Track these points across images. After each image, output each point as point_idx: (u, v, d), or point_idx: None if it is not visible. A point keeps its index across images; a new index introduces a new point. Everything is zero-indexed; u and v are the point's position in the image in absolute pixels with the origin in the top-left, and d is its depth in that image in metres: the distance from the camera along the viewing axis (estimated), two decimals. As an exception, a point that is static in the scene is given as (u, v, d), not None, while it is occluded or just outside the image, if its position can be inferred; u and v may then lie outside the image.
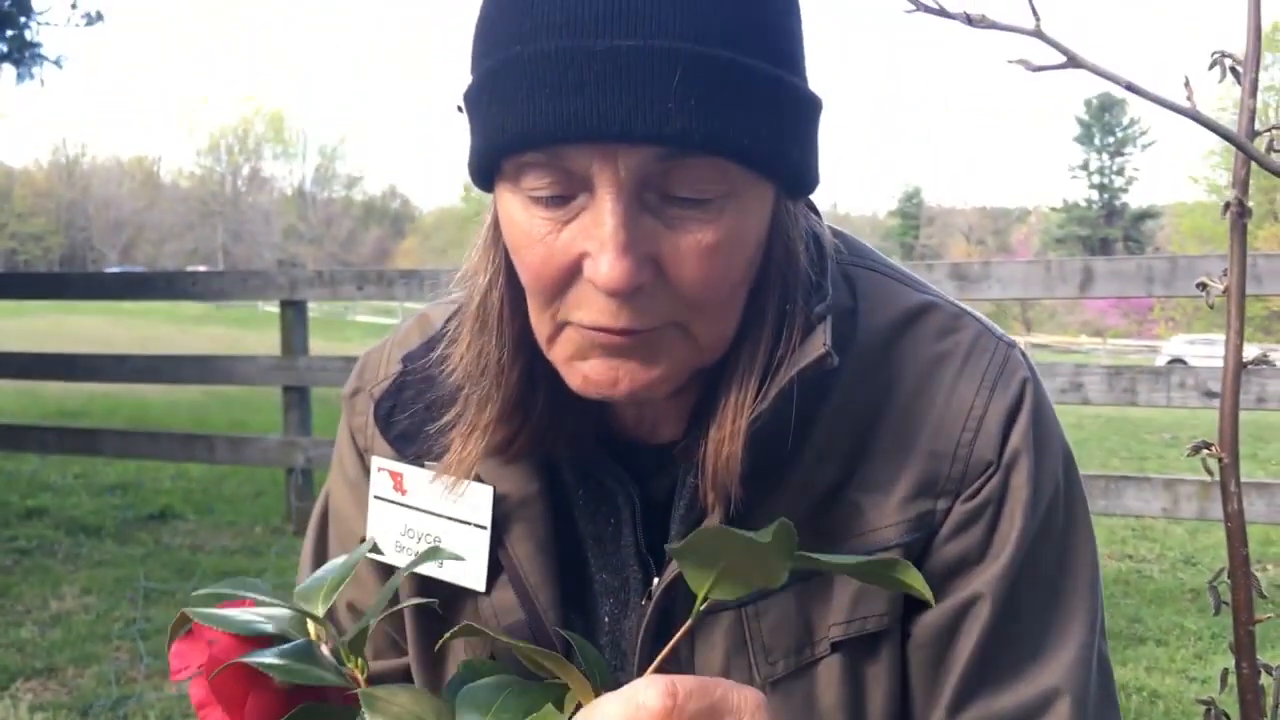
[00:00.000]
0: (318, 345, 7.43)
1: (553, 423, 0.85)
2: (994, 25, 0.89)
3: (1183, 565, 5.69)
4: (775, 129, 0.73)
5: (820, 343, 0.78)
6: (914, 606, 0.85)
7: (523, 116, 0.70)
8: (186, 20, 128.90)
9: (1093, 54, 0.88)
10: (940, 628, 0.84)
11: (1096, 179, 58.44)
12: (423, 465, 0.91)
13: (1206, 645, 4.32)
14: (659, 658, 0.67)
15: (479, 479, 0.88)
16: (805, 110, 0.77)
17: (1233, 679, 1.03)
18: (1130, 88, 0.87)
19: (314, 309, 5.67)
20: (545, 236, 0.74)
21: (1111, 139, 58.31)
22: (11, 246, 63.91)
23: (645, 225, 0.72)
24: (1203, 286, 0.99)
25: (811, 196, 0.85)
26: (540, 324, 0.79)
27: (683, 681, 0.61)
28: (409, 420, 0.91)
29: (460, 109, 0.79)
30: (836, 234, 0.90)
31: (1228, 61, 0.95)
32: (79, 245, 67.77)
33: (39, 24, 9.08)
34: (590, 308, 0.74)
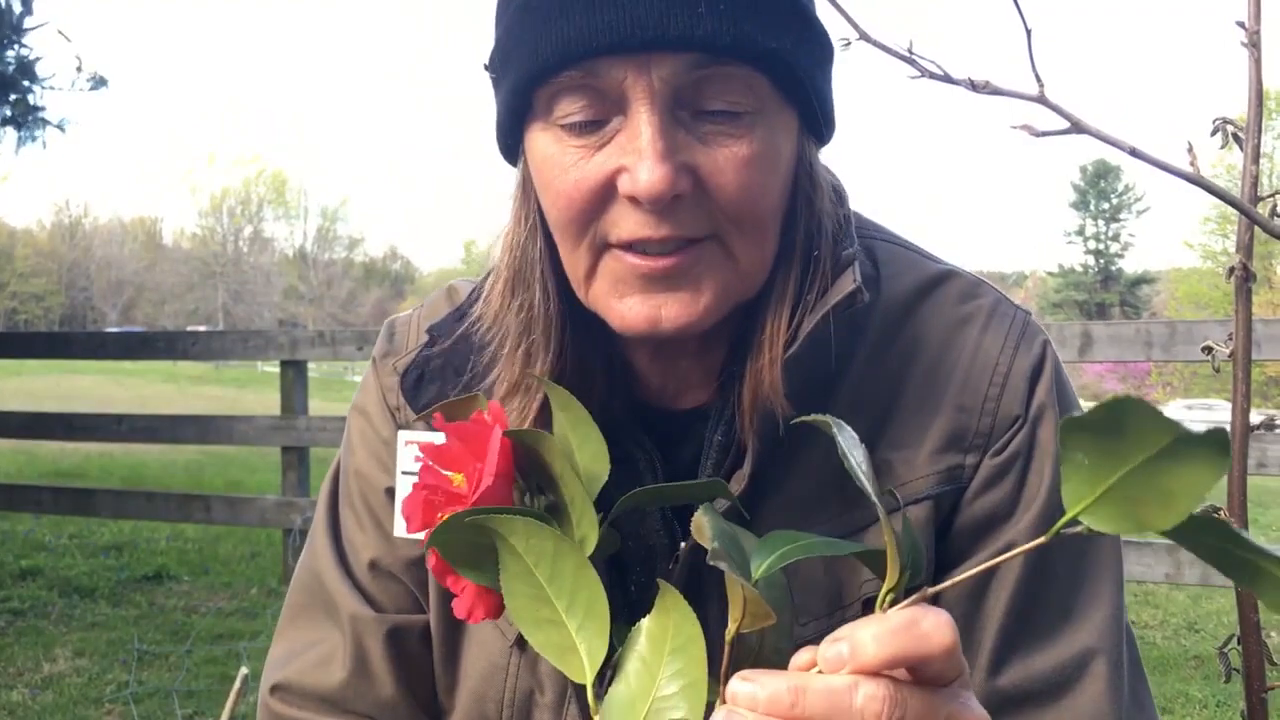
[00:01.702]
0: (317, 405, 7.42)
1: (578, 389, 0.84)
2: (998, 91, 0.91)
3: (1186, 632, 5.64)
4: (798, 43, 0.76)
5: (850, 280, 0.79)
6: (944, 564, 0.85)
7: (558, 34, 0.72)
8: (190, 82, 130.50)
9: (1095, 119, 0.89)
10: (973, 585, 0.84)
11: (1092, 244, 58.78)
12: None
13: (1212, 714, 4.27)
14: (948, 583, 0.56)
15: None
16: (823, 41, 0.80)
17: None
18: (1134, 153, 0.87)
19: (314, 369, 5.72)
20: (578, 162, 0.75)
21: (1107, 205, 58.74)
22: (12, 306, 64.06)
23: (680, 138, 0.74)
24: (1208, 350, 0.99)
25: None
26: (576, 262, 0.79)
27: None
28: (437, 390, 0.90)
29: (486, 67, 0.81)
30: (856, 212, 0.92)
31: (1229, 128, 0.96)
32: (79, 305, 67.93)
33: (44, 88, 9.17)
34: (628, 223, 0.75)
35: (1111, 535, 0.87)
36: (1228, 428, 1.04)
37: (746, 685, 0.53)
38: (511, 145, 0.82)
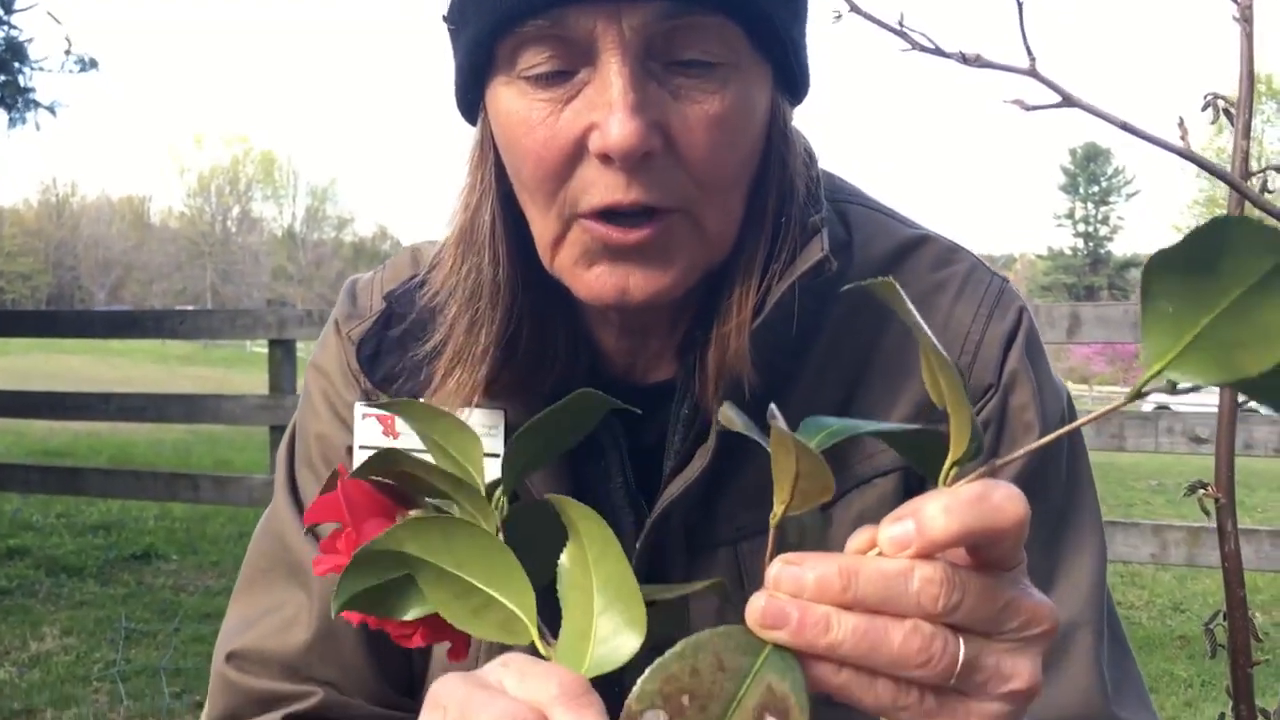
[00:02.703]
0: (305, 385, 7.37)
1: (539, 362, 0.82)
2: (989, 65, 0.90)
3: (1171, 612, 5.67)
4: None
5: (818, 248, 0.77)
6: None
7: None
8: (178, 60, 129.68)
9: (1087, 94, 0.89)
10: None
11: (1081, 227, 58.96)
12: None
13: (1197, 693, 4.30)
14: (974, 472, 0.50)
15: (481, 406, 0.84)
16: None
17: None
18: (1125, 127, 0.87)
19: (302, 349, 5.72)
20: (545, 119, 0.72)
21: (1096, 188, 58.86)
22: (-1, 285, 63.80)
23: (652, 91, 0.71)
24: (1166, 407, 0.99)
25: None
26: (545, 228, 0.76)
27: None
28: (395, 359, 0.87)
29: (445, 19, 0.78)
30: (828, 173, 0.90)
31: (1221, 103, 0.96)
32: (66, 284, 67.63)
33: (34, 70, 9.11)
34: (599, 187, 0.72)
35: (1090, 508, 0.86)
36: (1215, 409, 1.04)
37: (791, 569, 0.50)
38: (471, 101, 0.79)
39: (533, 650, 0.58)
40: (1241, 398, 1.00)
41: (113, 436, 11.91)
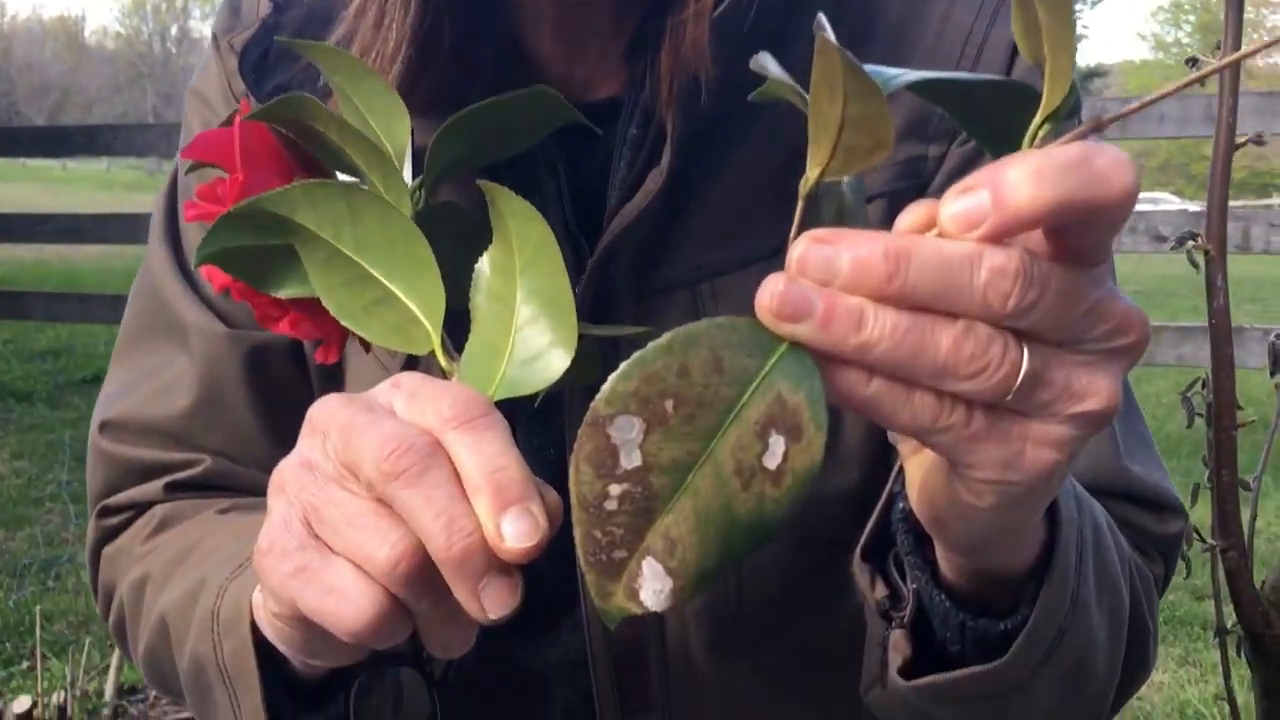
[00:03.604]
0: (251, 204, 7.15)
1: (461, 72, 0.69)
2: None
3: (1125, 414, 5.77)
4: None
5: None
6: None
7: None
8: None
9: None
10: None
11: (1046, 37, 58.05)
12: None
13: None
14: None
15: None
16: None
17: (1203, 494, 0.97)
18: None
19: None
20: None
21: (1062, -5, 57.76)
22: (-68, 112, 61.44)
23: None
24: (1193, 62, 0.89)
25: None
26: None
27: None
28: (287, 70, 0.74)
29: None
30: None
31: None
32: (3, 110, 65.28)
33: None
34: None
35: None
36: (1173, 207, 0.95)
37: (822, 248, 0.37)
38: None
39: (434, 366, 0.48)
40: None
41: (60, 264, 11.66)
